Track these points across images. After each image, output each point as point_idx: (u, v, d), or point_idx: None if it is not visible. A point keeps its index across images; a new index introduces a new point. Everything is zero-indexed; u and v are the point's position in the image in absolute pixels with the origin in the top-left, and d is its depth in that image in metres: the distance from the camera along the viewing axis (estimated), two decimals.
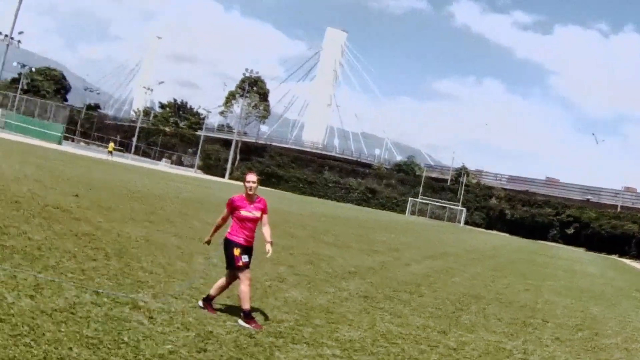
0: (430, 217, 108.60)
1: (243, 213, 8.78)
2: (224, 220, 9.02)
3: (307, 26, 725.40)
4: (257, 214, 8.89)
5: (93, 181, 27.64)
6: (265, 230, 9.06)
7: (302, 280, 13.04)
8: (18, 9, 72.78)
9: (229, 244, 8.82)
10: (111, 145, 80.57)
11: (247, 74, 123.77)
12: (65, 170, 30.84)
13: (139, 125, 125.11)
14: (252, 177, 8.90)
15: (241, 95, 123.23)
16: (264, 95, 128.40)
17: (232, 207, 8.83)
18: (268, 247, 8.95)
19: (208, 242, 9.21)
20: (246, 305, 8.60)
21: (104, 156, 71.44)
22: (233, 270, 8.83)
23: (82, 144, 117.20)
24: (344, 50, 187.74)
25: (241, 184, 8.97)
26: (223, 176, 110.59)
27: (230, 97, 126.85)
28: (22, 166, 26.45)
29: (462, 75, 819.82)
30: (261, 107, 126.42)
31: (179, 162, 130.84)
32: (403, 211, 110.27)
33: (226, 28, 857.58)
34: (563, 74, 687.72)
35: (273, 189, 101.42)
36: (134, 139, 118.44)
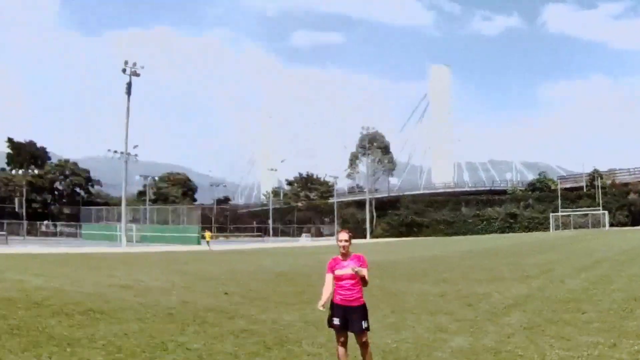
0: (575, 227, 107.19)
1: (337, 272, 8.65)
2: (330, 284, 8.75)
3: (410, 69, 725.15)
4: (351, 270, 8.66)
5: (238, 274, 27.86)
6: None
7: (464, 325, 12.85)
8: (127, 124, 74.87)
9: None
10: (208, 234, 77.42)
11: (365, 132, 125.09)
12: (209, 269, 31.20)
13: (271, 207, 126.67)
14: (343, 236, 8.78)
15: (363, 154, 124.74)
16: (385, 149, 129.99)
17: (331, 269, 8.73)
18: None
19: (323, 306, 8.70)
20: None
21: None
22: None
23: (221, 239, 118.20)
24: (451, 84, 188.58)
25: (382, 240, 8.91)
26: (364, 237, 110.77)
27: (354, 158, 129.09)
28: (166, 275, 26.83)
29: (569, 79, 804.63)
30: (386, 161, 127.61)
31: (319, 234, 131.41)
32: (547, 228, 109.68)
33: (330, 89, 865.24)
34: None
35: (416, 238, 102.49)
36: (270, 222, 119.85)
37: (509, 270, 25.66)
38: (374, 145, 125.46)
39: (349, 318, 8.59)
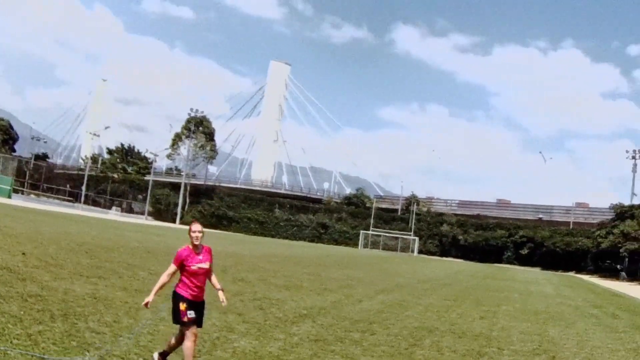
0: (384, 248, 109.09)
1: (193, 267, 8.58)
2: (170, 276, 8.68)
3: (251, 62, 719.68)
4: (206, 265, 8.74)
5: (41, 236, 27.16)
6: (214, 279, 8.98)
7: (252, 328, 12.91)
8: None
9: (175, 297, 8.58)
10: None
11: (193, 114, 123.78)
12: (13, 226, 30.31)
13: (87, 173, 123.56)
14: (197, 227, 8.77)
15: (187, 137, 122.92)
16: (210, 135, 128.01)
17: (180, 262, 8.58)
18: (222, 295, 8.94)
19: (147, 305, 8.67)
20: None
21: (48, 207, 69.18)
22: (179, 324, 8.59)
23: (32, 196, 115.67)
24: (288, 83, 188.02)
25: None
26: (174, 221, 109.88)
27: (177, 139, 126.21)
28: None
29: (406, 102, 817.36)
30: (208, 148, 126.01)
31: (130, 210, 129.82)
32: (356, 245, 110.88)
33: (171, 67, 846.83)
34: (504, 95, 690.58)
35: (224, 232, 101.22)
36: (83, 188, 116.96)
37: (309, 280, 25.90)
38: (199, 130, 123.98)
39: (197, 313, 8.61)
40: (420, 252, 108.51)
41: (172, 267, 8.62)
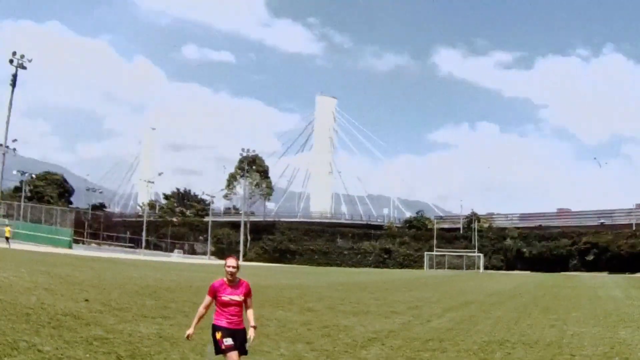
0: (449, 267, 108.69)
1: (224, 298, 8.69)
2: (207, 308, 8.89)
3: (297, 98, 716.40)
4: (239, 298, 8.78)
5: (104, 282, 27.27)
6: (250, 314, 8.99)
7: (321, 356, 12.78)
8: (9, 117, 73.23)
9: (212, 329, 8.72)
10: (7, 229, 67.92)
11: (244, 154, 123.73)
12: (75, 274, 30.42)
13: (145, 219, 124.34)
14: (232, 262, 8.88)
15: (242, 176, 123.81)
16: (264, 173, 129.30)
17: (214, 293, 8.76)
18: (251, 332, 8.83)
19: (189, 337, 8.95)
20: None
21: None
22: (221, 354, 8.64)
23: (93, 245, 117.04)
24: (336, 116, 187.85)
25: (255, 264, 8.83)
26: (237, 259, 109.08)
27: (232, 179, 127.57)
28: (31, 275, 26.08)
29: (456, 123, 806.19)
30: (263, 185, 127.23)
31: (192, 251, 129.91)
32: (421, 266, 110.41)
33: (217, 110, 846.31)
34: (551, 106, 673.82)
35: (288, 265, 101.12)
36: (143, 234, 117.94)
37: (376, 305, 25.61)
38: (253, 168, 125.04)
39: (235, 340, 8.63)
40: (485, 267, 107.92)
41: (207, 299, 8.88)
